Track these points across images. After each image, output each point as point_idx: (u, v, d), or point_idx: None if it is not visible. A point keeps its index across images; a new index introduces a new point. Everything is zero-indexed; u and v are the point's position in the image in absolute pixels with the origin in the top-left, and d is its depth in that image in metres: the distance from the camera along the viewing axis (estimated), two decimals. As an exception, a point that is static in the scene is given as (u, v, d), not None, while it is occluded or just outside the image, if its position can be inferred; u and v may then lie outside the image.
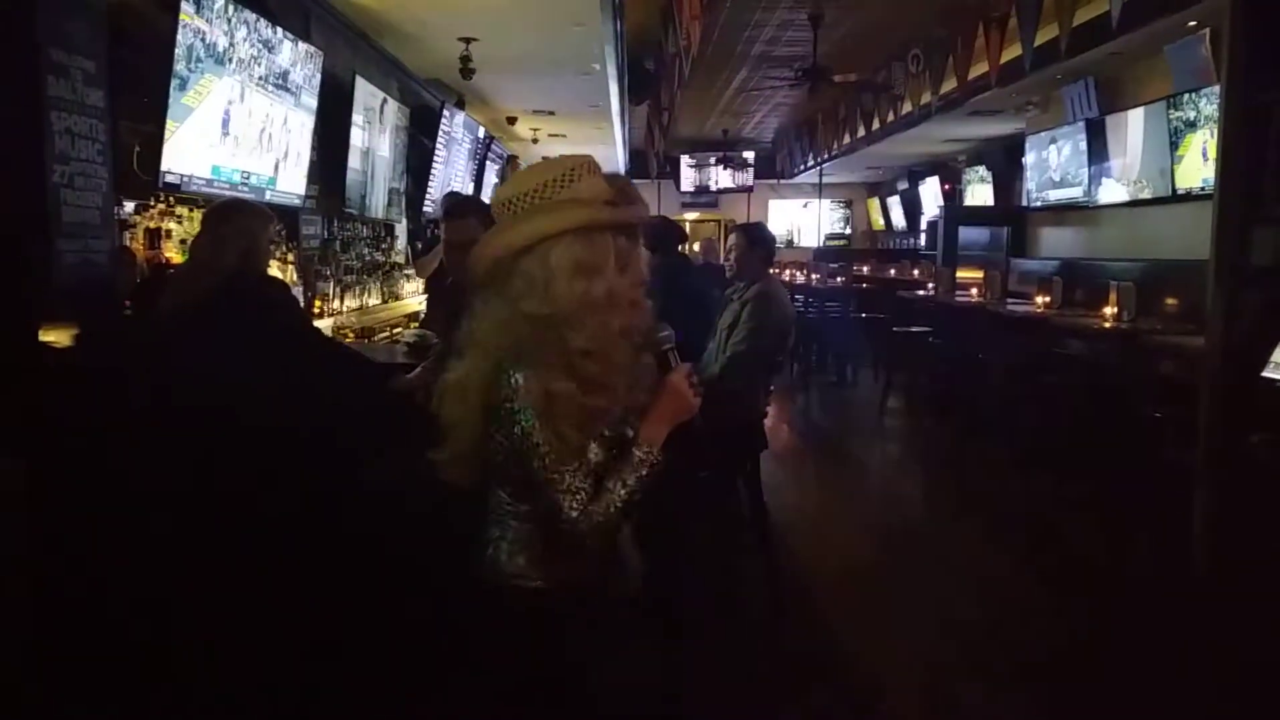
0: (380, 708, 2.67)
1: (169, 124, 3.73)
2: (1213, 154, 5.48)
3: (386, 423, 2.98)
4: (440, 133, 8.07)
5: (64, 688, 2.69)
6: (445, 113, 8.12)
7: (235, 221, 3.01)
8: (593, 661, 1.70)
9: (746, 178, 16.94)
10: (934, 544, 5.09)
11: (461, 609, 1.74)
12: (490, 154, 10.75)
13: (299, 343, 3.03)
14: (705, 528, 3.76)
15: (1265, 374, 3.34)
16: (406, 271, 7.88)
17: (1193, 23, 6.16)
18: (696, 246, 12.72)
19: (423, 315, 6.16)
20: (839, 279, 12.52)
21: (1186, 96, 6.90)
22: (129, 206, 3.82)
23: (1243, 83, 3.42)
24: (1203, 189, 6.70)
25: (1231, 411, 3.38)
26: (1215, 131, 4.50)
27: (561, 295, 1.57)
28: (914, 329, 8.74)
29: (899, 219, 17.12)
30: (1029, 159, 9.77)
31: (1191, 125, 6.92)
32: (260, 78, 4.50)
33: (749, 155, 16.79)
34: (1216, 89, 5.82)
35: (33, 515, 2.74)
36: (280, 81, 4.74)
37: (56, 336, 2.96)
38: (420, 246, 7.52)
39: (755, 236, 4.19)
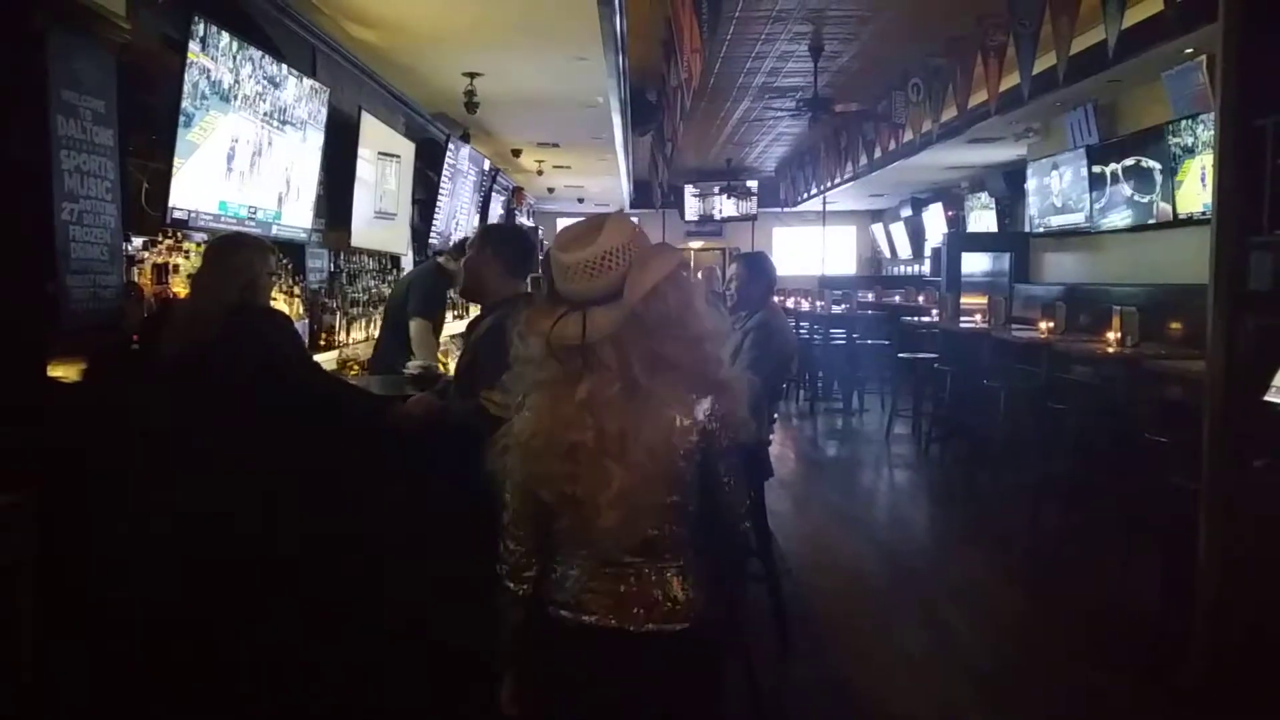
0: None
1: (176, 161, 3.78)
2: (1210, 179, 5.52)
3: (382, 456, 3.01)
4: (446, 166, 8.15)
5: (72, 715, 2.70)
6: (450, 146, 8.21)
7: (234, 256, 3.05)
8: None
9: (750, 206, 17.01)
10: (940, 572, 5.08)
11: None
12: (495, 186, 10.84)
13: (296, 378, 3.05)
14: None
15: (1267, 398, 3.34)
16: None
17: (1189, 50, 6.21)
18: (699, 274, 12.75)
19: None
20: (843, 306, 12.54)
21: (1184, 122, 6.95)
22: (137, 242, 3.86)
23: (1237, 108, 3.44)
24: (1203, 213, 6.72)
25: (1234, 436, 3.37)
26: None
27: None
28: (919, 355, 8.74)
29: (903, 246, 17.17)
30: (1031, 185, 9.82)
31: (1189, 151, 6.96)
32: (266, 114, 4.56)
33: (752, 184, 16.87)
34: (1213, 115, 5.87)
35: (42, 548, 2.76)
36: (286, 117, 4.80)
37: (65, 371, 2.99)
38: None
39: (756, 267, 4.23)
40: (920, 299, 13.77)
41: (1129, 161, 7.79)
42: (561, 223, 20.51)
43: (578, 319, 1.62)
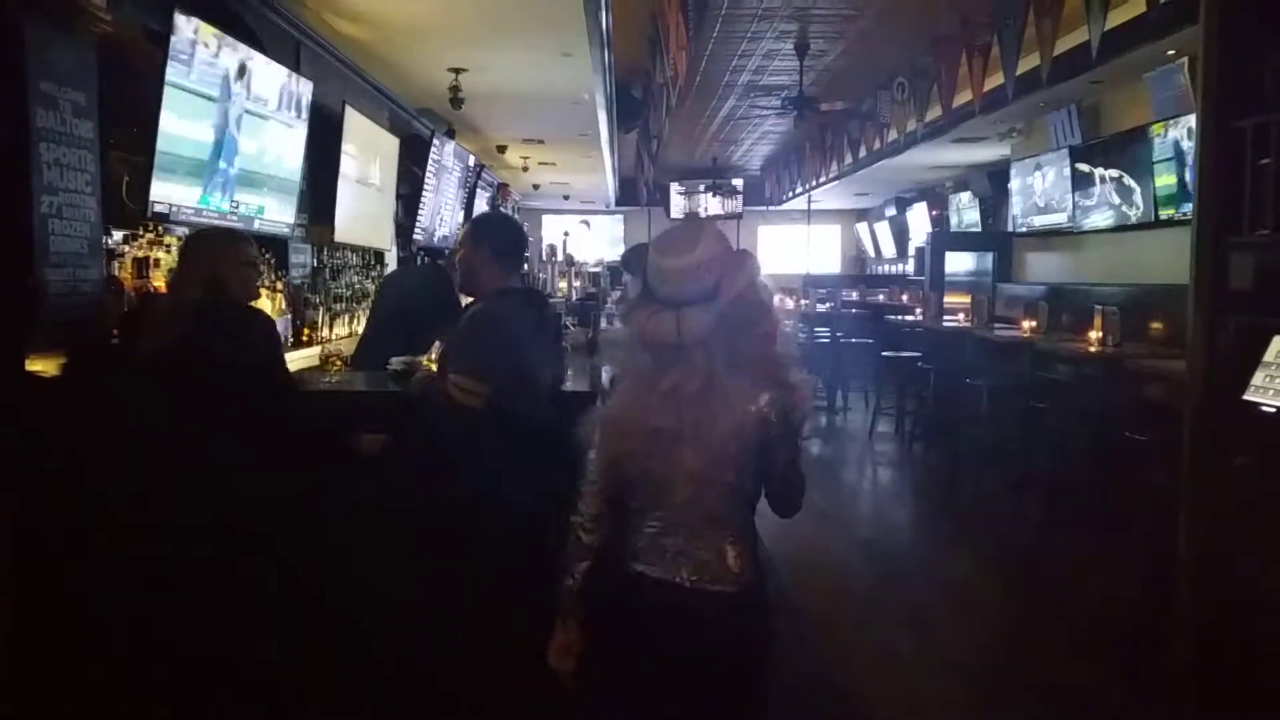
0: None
1: (157, 153, 3.75)
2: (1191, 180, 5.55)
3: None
4: (430, 161, 8.11)
5: (49, 714, 2.68)
6: (435, 142, 8.17)
7: (196, 252, 3.01)
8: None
9: (736, 205, 17.03)
10: (923, 569, 5.10)
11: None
12: (480, 182, 10.81)
13: (272, 376, 3.02)
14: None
15: (1246, 397, 3.37)
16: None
17: (1171, 51, 6.25)
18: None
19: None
20: (828, 305, 12.57)
21: (1166, 123, 6.99)
22: (117, 236, 3.83)
23: (1218, 110, 3.46)
24: (1184, 214, 6.77)
25: (1214, 435, 3.39)
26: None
27: None
28: (903, 354, 8.78)
29: (887, 245, 17.23)
30: (1014, 185, 9.87)
31: (1171, 152, 7.00)
32: (248, 108, 4.52)
33: (738, 182, 16.89)
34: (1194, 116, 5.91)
35: (19, 545, 2.73)
36: (269, 112, 4.77)
37: (44, 366, 2.96)
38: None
39: (741, 264, 4.23)
40: (904, 298, 13.82)
41: (1113, 172, 7.84)
42: (547, 219, 20.38)
43: (672, 318, 1.82)
